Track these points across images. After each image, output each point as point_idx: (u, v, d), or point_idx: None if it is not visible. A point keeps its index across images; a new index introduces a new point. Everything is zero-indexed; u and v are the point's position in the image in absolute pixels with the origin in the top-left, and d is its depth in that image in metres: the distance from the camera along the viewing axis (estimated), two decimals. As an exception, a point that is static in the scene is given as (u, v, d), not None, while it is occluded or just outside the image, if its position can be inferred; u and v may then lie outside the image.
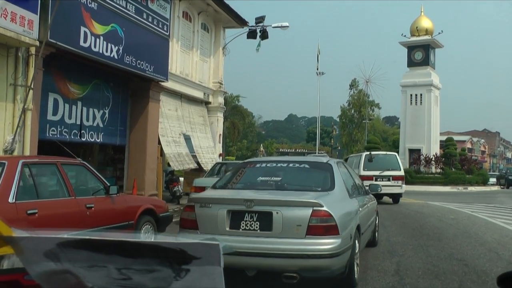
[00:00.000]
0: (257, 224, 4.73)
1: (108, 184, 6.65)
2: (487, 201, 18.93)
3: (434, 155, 29.67)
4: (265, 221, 4.71)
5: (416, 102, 30.94)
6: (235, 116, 56.37)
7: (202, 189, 10.81)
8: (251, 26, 20.16)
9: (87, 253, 1.03)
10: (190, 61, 18.16)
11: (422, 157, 29.17)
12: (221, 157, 20.26)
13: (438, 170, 29.16)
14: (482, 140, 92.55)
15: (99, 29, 11.29)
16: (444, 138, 34.12)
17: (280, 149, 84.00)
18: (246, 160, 7.35)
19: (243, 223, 4.76)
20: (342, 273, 4.86)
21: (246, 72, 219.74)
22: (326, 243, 4.59)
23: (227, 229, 4.80)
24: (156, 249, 0.99)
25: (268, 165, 6.19)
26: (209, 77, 19.79)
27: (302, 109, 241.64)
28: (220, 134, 20.20)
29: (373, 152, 18.86)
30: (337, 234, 4.63)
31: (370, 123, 61.31)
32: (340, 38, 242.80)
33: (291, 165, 6.09)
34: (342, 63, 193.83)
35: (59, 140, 11.76)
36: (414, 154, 29.87)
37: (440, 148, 32.89)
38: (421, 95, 30.76)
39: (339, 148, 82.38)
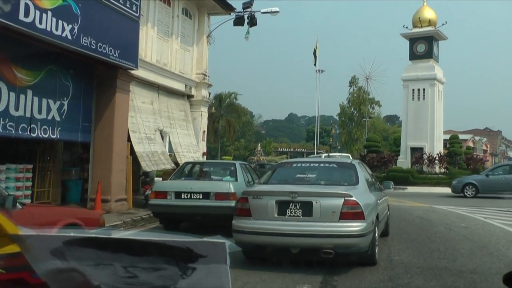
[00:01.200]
0: (299, 211, 5.81)
1: (7, 193, 4.84)
2: (499, 204, 17.14)
3: (437, 154, 27.71)
4: (307, 209, 5.79)
5: (418, 97, 28.96)
6: (231, 114, 54.64)
7: (164, 194, 9.02)
8: (238, 12, 18.35)
9: (94, 251, 1.02)
10: (169, 49, 16.36)
11: (425, 156, 27.24)
12: (205, 156, 18.47)
13: (442, 170, 27.25)
14: (484, 139, 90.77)
15: (46, 2, 9.51)
16: (446, 136, 32.40)
17: (279, 149, 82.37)
18: (283, 161, 8.95)
19: (288, 210, 5.84)
20: (366, 251, 5.89)
21: (246, 71, 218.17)
22: (355, 226, 5.66)
23: (276, 215, 5.87)
24: (163, 248, 0.99)
25: (303, 165, 7.41)
26: (192, 68, 17.99)
27: (303, 108, 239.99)
28: (204, 131, 18.40)
29: (330, 154, 22.77)
30: (363, 219, 5.70)
31: (370, 122, 59.56)
32: (341, 34, 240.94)
33: (321, 164, 7.53)
34: (344, 61, 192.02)
35: (2, 136, 10.03)
36: (416, 152, 27.95)
37: (444, 146, 31.12)
38: (423, 89, 28.81)
39: (339, 147, 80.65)
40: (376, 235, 6.37)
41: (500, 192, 20.43)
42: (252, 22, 18.22)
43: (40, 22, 9.36)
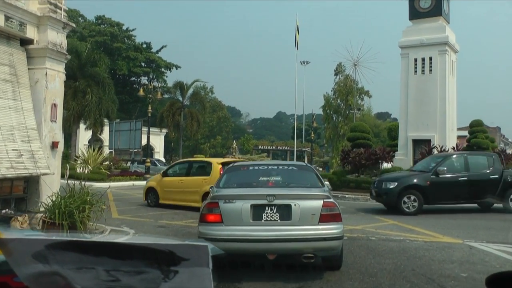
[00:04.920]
0: (277, 215, 5.58)
1: None
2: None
3: (453, 148, 19.77)
4: (285, 212, 5.59)
5: (423, 70, 20.88)
6: (197, 105, 46.67)
7: None
8: None
9: (76, 254, 1.03)
10: None
11: (435, 151, 19.18)
12: (56, 149, 10.42)
13: None
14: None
15: None
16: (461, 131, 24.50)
17: (259, 146, 75.29)
18: (236, 164, 7.64)
19: (264, 215, 5.59)
20: (337, 253, 5.94)
21: (236, 69, 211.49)
22: (335, 228, 5.62)
23: (251, 220, 5.59)
24: (145, 251, 1.00)
25: (261, 167, 7.11)
26: (29, -10, 9.96)
27: (292, 107, 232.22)
28: (55, 105, 10.32)
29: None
30: (340, 221, 5.69)
31: (359, 115, 51.70)
32: (330, 20, 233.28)
33: (280, 167, 7.17)
34: (335, 55, 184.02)
35: None
36: (422, 146, 19.90)
37: (458, 138, 23.38)
38: (430, 59, 20.74)
39: (325, 144, 72.95)
40: None
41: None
42: None
43: None
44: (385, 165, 21.19)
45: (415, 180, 13.40)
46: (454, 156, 14.74)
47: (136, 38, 63.84)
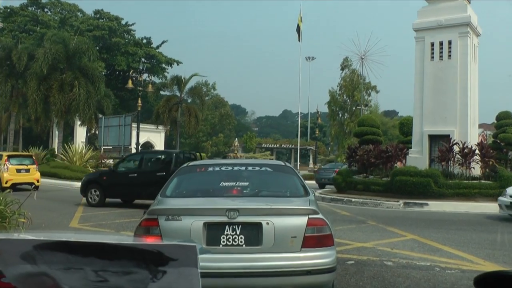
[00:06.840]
0: (241, 238, 4.13)
1: None
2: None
3: (477, 144, 17.27)
4: (253, 234, 4.15)
5: (441, 56, 18.27)
6: (194, 101, 44.43)
7: None
8: None
9: (64, 255, 1.03)
10: None
11: (455, 148, 16.61)
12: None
13: (487, 172, 16.45)
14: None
15: None
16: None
17: (263, 144, 73.48)
18: (191, 164, 5.90)
19: (223, 237, 4.15)
20: None
21: (239, 67, 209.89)
22: (324, 256, 4.16)
23: (204, 246, 4.13)
24: (133, 251, 1.00)
25: (223, 168, 5.48)
26: None
27: (297, 104, 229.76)
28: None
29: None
30: (332, 245, 4.25)
31: (366, 111, 49.27)
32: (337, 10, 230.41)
33: (250, 168, 5.46)
34: (341, 48, 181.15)
35: None
36: (441, 142, 17.31)
37: (479, 134, 20.97)
38: (449, 43, 18.14)
39: (330, 142, 70.69)
40: None
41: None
42: None
43: None
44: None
45: (96, 175, 14.88)
46: (135, 154, 17.66)
47: (136, 33, 62.01)
